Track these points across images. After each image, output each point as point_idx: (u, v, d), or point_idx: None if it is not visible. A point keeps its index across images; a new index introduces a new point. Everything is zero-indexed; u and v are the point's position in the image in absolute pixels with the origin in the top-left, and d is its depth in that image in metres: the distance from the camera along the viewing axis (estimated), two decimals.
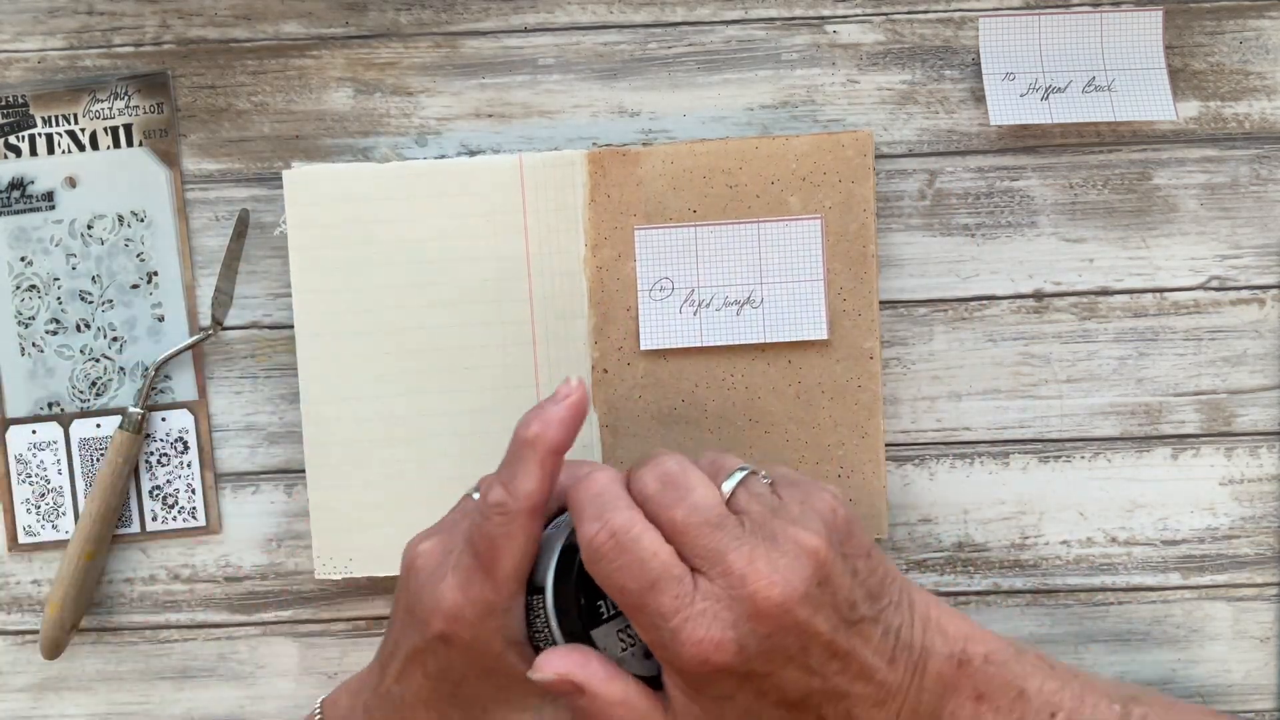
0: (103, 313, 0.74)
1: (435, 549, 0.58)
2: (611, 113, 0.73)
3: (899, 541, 0.74)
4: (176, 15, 0.73)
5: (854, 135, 0.71)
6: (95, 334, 0.74)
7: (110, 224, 0.73)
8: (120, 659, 0.75)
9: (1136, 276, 0.73)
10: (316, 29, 0.73)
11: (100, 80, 0.72)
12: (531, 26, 0.73)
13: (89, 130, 0.73)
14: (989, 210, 0.73)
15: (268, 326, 0.74)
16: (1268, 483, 0.74)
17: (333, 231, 0.71)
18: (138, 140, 0.73)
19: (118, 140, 0.73)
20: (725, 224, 0.71)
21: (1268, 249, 0.73)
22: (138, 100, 0.72)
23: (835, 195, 0.71)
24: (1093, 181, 0.73)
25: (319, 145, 0.73)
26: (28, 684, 0.75)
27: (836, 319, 0.71)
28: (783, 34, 0.73)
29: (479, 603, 0.55)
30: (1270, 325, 0.73)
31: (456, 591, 0.55)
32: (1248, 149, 0.73)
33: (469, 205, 0.71)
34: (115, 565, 0.75)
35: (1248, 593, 0.74)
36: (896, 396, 0.74)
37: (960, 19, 0.73)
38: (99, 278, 0.74)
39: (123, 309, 0.74)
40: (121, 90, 0.71)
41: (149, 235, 0.73)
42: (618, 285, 0.72)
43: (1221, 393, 0.73)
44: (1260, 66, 0.72)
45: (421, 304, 0.72)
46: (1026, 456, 0.74)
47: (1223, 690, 0.74)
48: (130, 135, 0.73)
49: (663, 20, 0.73)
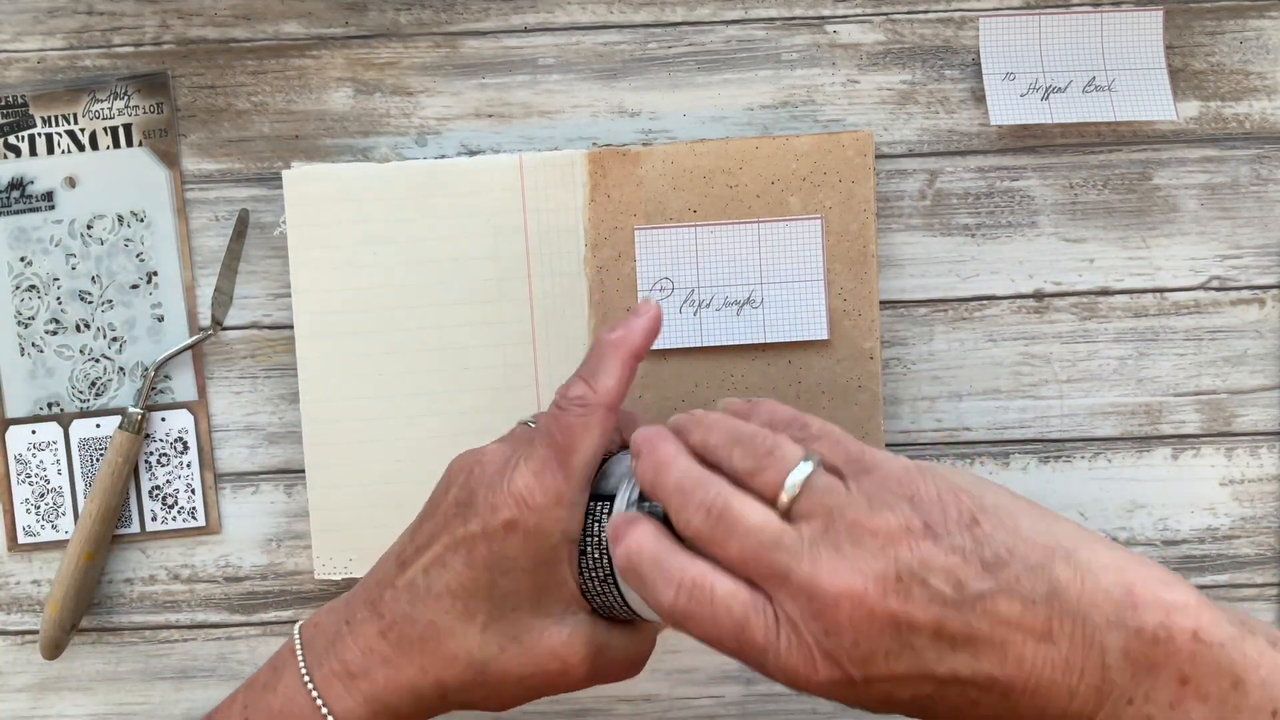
0: (103, 313, 0.74)
1: (501, 451, 0.60)
2: (611, 113, 0.73)
3: None
4: (176, 15, 0.73)
5: (854, 135, 0.71)
6: (95, 334, 0.74)
7: (110, 224, 0.73)
8: (120, 659, 0.75)
9: (1136, 276, 0.73)
10: (316, 29, 0.73)
11: (100, 80, 0.72)
12: (531, 26, 0.73)
13: (89, 130, 0.73)
14: (989, 210, 0.73)
15: (268, 326, 0.74)
16: (1268, 483, 0.74)
17: (332, 231, 0.71)
18: (137, 140, 0.73)
19: (117, 140, 0.72)
20: (725, 224, 0.71)
21: (1268, 249, 0.73)
22: (137, 100, 0.72)
23: (835, 195, 0.71)
24: (1093, 181, 0.73)
25: (319, 145, 0.73)
26: (28, 684, 0.75)
27: (837, 319, 0.71)
28: (783, 34, 0.73)
29: (551, 490, 0.57)
30: (1270, 325, 0.73)
31: (531, 477, 0.57)
32: (1248, 149, 0.73)
33: (469, 205, 0.71)
34: (115, 565, 0.75)
35: (1248, 593, 0.74)
36: (896, 396, 0.74)
37: (960, 19, 0.73)
38: (99, 278, 0.74)
39: (122, 309, 0.74)
40: (121, 90, 0.71)
41: (148, 235, 0.73)
42: (618, 285, 0.72)
43: (1222, 393, 0.73)
44: (1260, 66, 0.72)
45: (421, 304, 0.72)
46: (1026, 456, 0.74)
47: None
48: (130, 135, 0.73)
49: (663, 20, 0.73)
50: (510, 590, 0.57)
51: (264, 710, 0.59)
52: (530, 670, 0.58)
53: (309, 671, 0.59)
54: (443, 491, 0.60)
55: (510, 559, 0.57)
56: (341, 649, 0.59)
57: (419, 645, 0.58)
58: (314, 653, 0.59)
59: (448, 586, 0.58)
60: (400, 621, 0.58)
